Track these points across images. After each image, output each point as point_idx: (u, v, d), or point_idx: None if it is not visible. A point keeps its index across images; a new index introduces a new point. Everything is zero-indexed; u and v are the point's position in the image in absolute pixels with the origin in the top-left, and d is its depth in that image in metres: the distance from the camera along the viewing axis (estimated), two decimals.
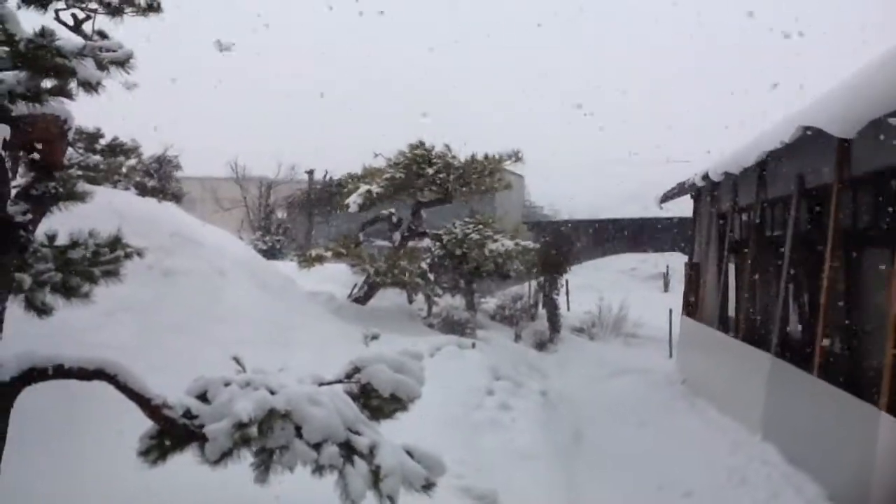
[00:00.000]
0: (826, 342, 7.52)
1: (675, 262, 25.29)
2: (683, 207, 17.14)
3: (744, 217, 12.25)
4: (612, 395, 12.16)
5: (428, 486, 3.97)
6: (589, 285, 23.03)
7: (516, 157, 15.19)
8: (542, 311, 19.12)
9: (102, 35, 7.02)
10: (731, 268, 12.57)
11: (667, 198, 16.04)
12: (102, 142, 11.82)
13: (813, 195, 8.97)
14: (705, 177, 12.36)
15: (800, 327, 9.68)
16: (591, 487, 7.16)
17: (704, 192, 14.19)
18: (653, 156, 38.76)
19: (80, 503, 4.72)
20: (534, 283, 19.91)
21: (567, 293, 20.98)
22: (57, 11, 8.96)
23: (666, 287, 27.42)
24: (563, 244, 19.62)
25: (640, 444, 8.69)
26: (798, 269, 9.32)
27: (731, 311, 12.16)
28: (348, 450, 3.90)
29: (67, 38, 4.13)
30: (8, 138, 3.86)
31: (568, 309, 20.68)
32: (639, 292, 23.71)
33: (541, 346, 16.74)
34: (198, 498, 4.72)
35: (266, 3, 64.76)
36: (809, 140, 7.69)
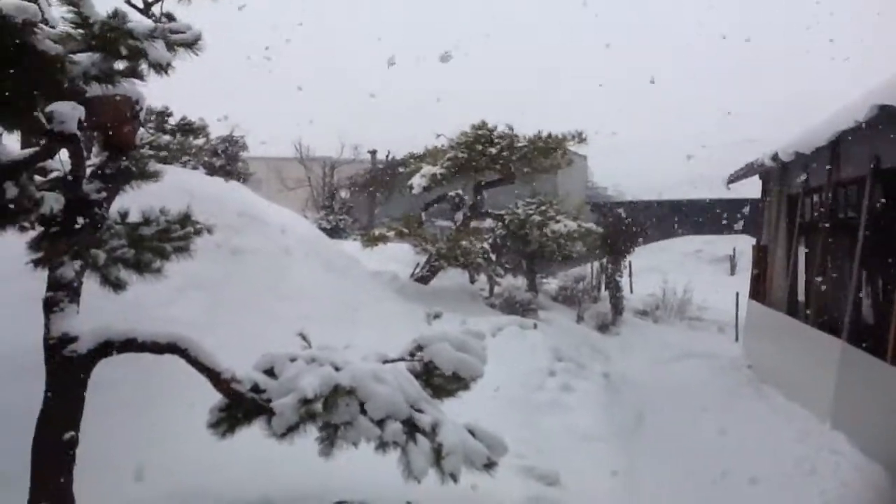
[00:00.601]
0: None
1: (742, 244, 24.68)
2: (752, 188, 16.72)
3: (815, 198, 11.88)
4: (675, 378, 11.99)
5: (489, 466, 3.99)
6: (653, 267, 22.70)
7: (579, 137, 15.01)
8: (604, 293, 18.94)
9: (170, 17, 7.15)
10: (801, 251, 12.23)
11: (735, 179, 15.66)
12: (171, 121, 12.09)
13: (889, 176, 8.65)
14: (775, 157, 12.02)
15: (873, 313, 9.38)
16: (652, 471, 7.08)
17: (774, 172, 13.81)
18: (721, 136, 37.91)
19: (152, 471, 4.88)
20: (596, 264, 19.72)
21: (630, 275, 20.73)
22: None
23: (732, 270, 26.83)
24: (626, 225, 19.34)
25: (703, 429, 8.55)
26: (872, 253, 9.02)
27: (801, 296, 11.85)
28: (411, 427, 3.94)
29: (138, 21, 4.22)
30: (83, 119, 3.97)
31: (631, 291, 20.44)
32: (704, 275, 23.29)
33: (603, 327, 16.58)
34: (262, 469, 4.83)
35: None
36: (886, 119, 7.41)
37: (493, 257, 14.56)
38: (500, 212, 15.72)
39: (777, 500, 6.54)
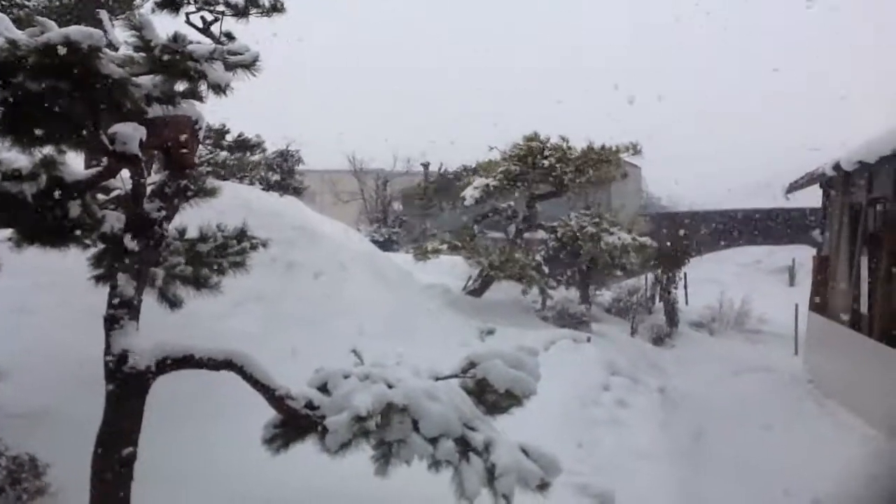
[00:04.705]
0: None
1: (802, 255, 24.08)
2: (812, 198, 16.33)
3: (879, 208, 11.55)
4: (734, 393, 11.74)
5: (543, 486, 3.94)
6: (709, 278, 22.29)
7: (634, 148, 14.84)
8: (658, 305, 18.66)
9: (230, 36, 7.29)
10: (865, 262, 11.90)
11: (795, 188, 15.32)
12: (229, 138, 12.31)
13: None
14: (836, 166, 11.73)
15: None
16: (711, 490, 6.93)
17: (836, 181, 13.47)
18: (781, 144, 37.13)
19: (209, 485, 4.95)
20: (651, 275, 19.45)
21: (685, 286, 20.39)
22: (187, 14, 9.45)
23: (792, 281, 26.19)
24: (681, 236, 19.04)
25: (764, 447, 8.35)
26: None
27: (864, 308, 11.51)
28: (464, 445, 3.92)
29: (198, 42, 4.31)
30: (144, 139, 4.07)
31: (686, 303, 20.10)
32: (762, 286, 22.77)
33: (658, 340, 16.33)
34: (318, 484, 4.86)
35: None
36: None
37: (546, 270, 14.45)
38: (553, 224, 15.63)
39: None
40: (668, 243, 18.05)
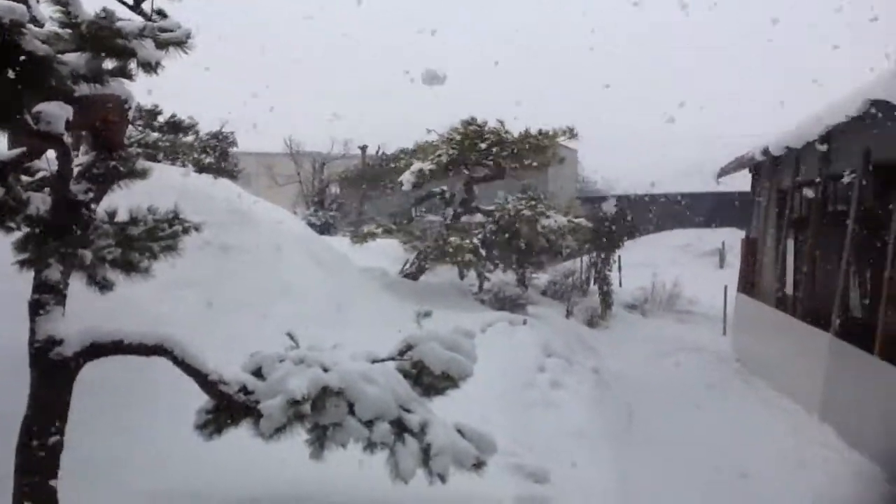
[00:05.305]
0: (889, 322, 7.33)
1: (732, 238, 24.76)
2: (741, 182, 16.78)
3: (805, 193, 11.93)
4: (665, 373, 12.05)
5: (478, 465, 3.99)
6: (642, 261, 22.75)
7: (570, 133, 14.98)
8: (593, 287, 18.98)
9: (161, 14, 7.10)
10: (791, 245, 12.30)
11: (724, 172, 15.72)
12: (161, 119, 12.02)
13: (879, 170, 8.69)
14: (765, 151, 12.07)
15: (862, 307, 9.44)
16: (644, 467, 7.10)
17: (764, 166, 13.87)
18: (711, 130, 37.94)
19: (139, 473, 4.86)
20: (586, 258, 19.75)
21: (620, 269, 20.77)
22: None
23: (721, 263, 26.91)
24: (615, 219, 19.36)
25: (694, 424, 8.60)
26: (861, 247, 9.07)
27: (790, 289, 11.91)
28: (400, 427, 3.94)
29: (128, 19, 4.19)
30: (71, 119, 3.95)
31: (620, 285, 20.49)
32: (693, 268, 23.37)
33: (592, 322, 16.63)
34: (252, 470, 4.82)
35: None
36: (877, 113, 7.45)
37: (483, 253, 14.55)
38: (490, 208, 15.71)
39: (768, 495, 6.59)
40: (603, 226, 18.34)
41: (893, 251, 7.34)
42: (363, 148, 33.77)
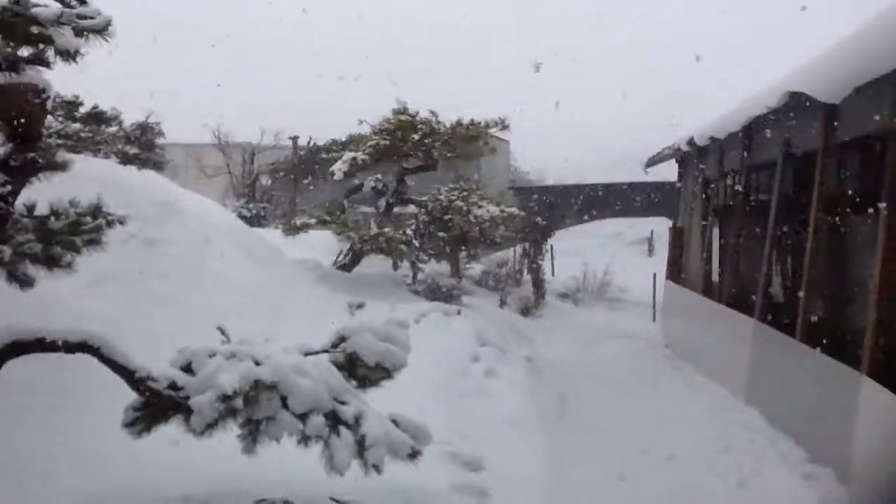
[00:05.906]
0: (809, 307, 7.59)
1: (660, 226, 25.33)
2: (669, 172, 17.17)
3: (729, 182, 12.27)
4: (596, 360, 12.26)
5: (414, 455, 4.00)
6: (574, 250, 23.08)
7: (502, 124, 15.09)
8: (526, 277, 19.18)
9: (82, 1, 6.88)
10: (716, 232, 12.63)
11: (652, 162, 16.06)
12: (82, 110, 11.63)
13: (798, 160, 8.99)
14: (691, 142, 12.36)
15: (783, 292, 9.76)
16: (576, 452, 7.22)
17: (690, 156, 14.19)
18: (640, 120, 38.69)
19: (67, 474, 4.72)
20: (519, 248, 19.94)
21: (552, 258, 21.04)
22: None
23: (650, 252, 27.51)
24: (547, 209, 19.63)
25: (624, 409, 8.77)
26: (782, 235, 9.37)
27: (715, 276, 12.24)
28: (334, 420, 3.91)
29: (44, 6, 4.05)
30: None
31: (553, 274, 20.75)
32: (623, 257, 23.80)
33: (526, 311, 16.82)
34: (183, 467, 4.73)
35: None
36: (796, 105, 7.69)
37: (417, 244, 14.55)
38: (423, 198, 15.71)
39: (694, 476, 6.75)
40: (535, 216, 18.55)
41: (812, 239, 7.59)
42: (294, 139, 33.34)
